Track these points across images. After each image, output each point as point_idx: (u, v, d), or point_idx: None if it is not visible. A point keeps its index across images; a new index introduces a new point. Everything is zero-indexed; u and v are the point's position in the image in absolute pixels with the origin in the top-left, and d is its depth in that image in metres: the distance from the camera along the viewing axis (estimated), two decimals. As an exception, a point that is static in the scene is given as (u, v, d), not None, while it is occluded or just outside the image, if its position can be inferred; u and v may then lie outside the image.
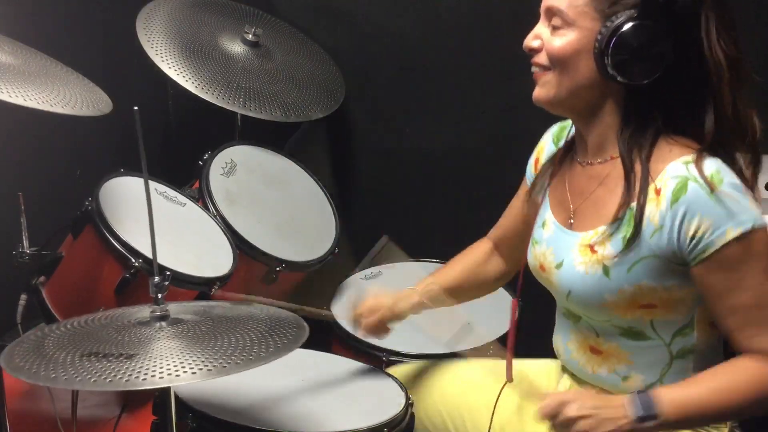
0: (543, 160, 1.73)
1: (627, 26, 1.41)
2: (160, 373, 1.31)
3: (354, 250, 2.57)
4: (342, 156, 2.94)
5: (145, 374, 1.31)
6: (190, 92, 2.39)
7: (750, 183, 1.46)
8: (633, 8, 1.42)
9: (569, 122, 1.68)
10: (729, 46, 1.43)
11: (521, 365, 1.73)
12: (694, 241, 1.41)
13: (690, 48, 1.43)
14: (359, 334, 1.88)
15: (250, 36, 2.59)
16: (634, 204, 1.46)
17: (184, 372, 1.32)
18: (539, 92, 1.53)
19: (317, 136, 2.84)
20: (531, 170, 1.77)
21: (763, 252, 1.41)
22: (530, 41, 1.52)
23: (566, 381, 1.70)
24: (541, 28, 1.51)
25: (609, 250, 1.49)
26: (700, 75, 1.43)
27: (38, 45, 2.12)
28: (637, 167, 1.46)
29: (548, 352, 1.75)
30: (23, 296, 2.09)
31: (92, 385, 1.30)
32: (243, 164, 2.43)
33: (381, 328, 1.82)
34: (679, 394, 1.44)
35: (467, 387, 1.81)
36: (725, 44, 1.42)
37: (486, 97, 2.70)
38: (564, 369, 1.72)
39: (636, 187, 1.45)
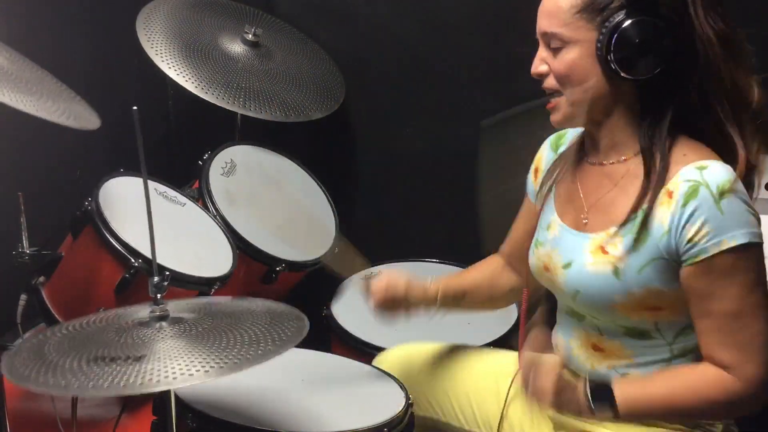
0: (543, 169, 1.73)
1: (624, 24, 1.43)
2: (173, 373, 1.30)
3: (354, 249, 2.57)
4: (342, 156, 2.94)
5: (158, 376, 1.30)
6: (190, 92, 2.39)
7: (756, 160, 1.48)
8: (622, 9, 1.44)
9: (567, 129, 1.69)
10: (716, 22, 1.45)
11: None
12: (689, 244, 1.42)
13: (682, 31, 1.45)
14: (369, 305, 1.80)
15: (250, 36, 2.59)
16: (646, 205, 1.47)
17: (197, 371, 1.31)
18: (557, 117, 1.55)
19: (317, 136, 2.84)
20: (531, 182, 1.77)
21: (751, 267, 1.43)
22: (537, 67, 1.54)
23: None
24: (544, 53, 1.53)
25: (620, 251, 1.49)
26: (695, 56, 1.46)
27: (37, 44, 2.13)
28: (656, 164, 1.48)
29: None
30: (23, 296, 2.09)
31: (107, 390, 1.28)
32: (243, 164, 2.43)
33: (388, 303, 1.77)
34: (635, 391, 1.49)
35: (477, 374, 1.81)
36: (713, 20, 1.45)
37: (486, 97, 2.69)
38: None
39: (650, 187, 1.47)
